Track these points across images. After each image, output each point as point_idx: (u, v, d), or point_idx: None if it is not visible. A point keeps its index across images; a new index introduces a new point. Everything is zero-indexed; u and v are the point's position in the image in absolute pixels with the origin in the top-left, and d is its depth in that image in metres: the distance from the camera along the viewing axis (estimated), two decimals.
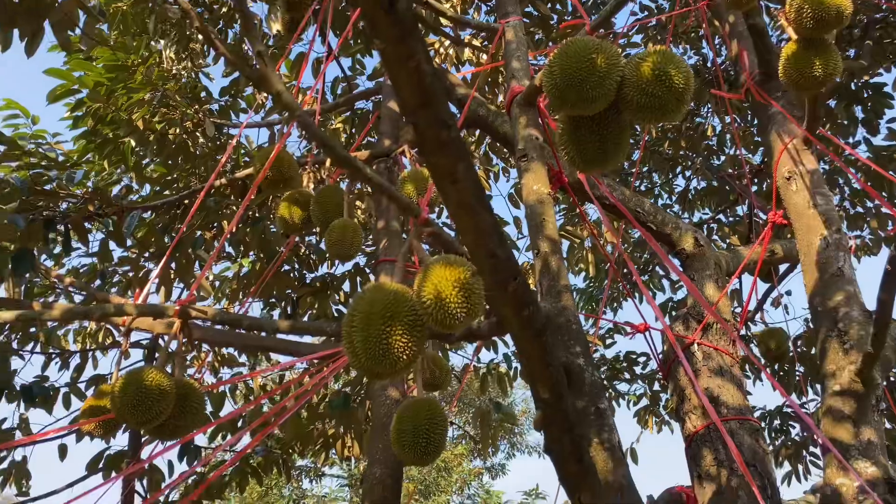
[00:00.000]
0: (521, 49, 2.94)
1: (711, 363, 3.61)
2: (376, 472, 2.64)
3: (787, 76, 2.76)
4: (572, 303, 2.42)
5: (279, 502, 16.89)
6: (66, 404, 5.61)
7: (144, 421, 2.34)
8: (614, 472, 2.22)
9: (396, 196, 1.95)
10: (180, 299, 2.67)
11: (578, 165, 2.25)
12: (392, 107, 4.19)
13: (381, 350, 1.77)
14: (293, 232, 3.70)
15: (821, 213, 3.35)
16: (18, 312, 2.59)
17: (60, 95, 5.07)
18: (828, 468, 2.97)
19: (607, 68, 2.06)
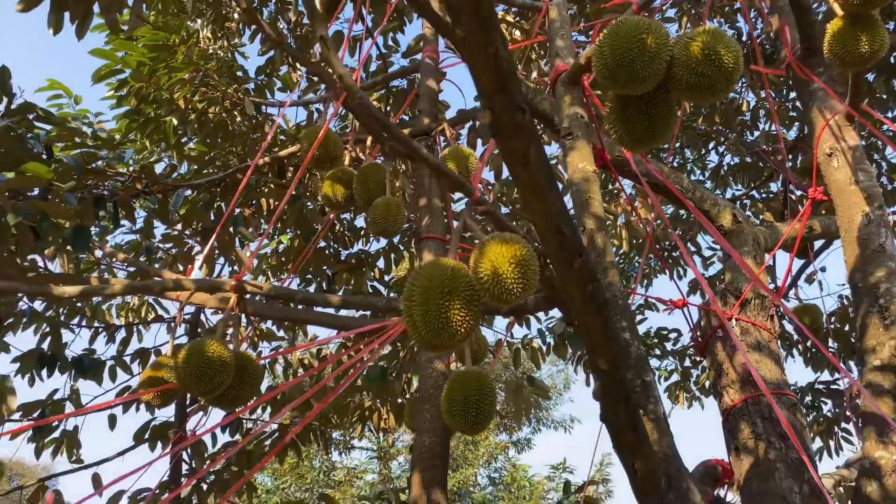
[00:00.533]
0: (564, 27, 2.97)
1: (749, 338, 3.64)
2: (425, 441, 2.74)
3: (832, 53, 2.76)
4: (618, 279, 2.48)
5: (310, 473, 17.24)
6: (112, 377, 5.80)
7: (207, 391, 2.44)
8: (660, 442, 2.29)
9: (451, 175, 2.01)
10: (236, 274, 2.77)
11: (627, 144, 2.29)
12: (431, 85, 4.24)
13: (441, 323, 1.85)
14: (336, 209, 3.79)
15: (862, 190, 3.35)
16: (82, 287, 2.70)
17: (105, 75, 5.19)
18: (866, 441, 3.01)
19: (657, 48, 2.10)
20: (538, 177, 1.26)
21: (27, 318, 5.14)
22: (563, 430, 22.39)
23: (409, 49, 5.89)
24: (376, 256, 6.37)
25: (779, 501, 3.18)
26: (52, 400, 5.16)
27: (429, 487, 2.61)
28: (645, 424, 2.31)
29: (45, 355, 4.82)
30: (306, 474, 17.20)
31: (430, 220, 3.45)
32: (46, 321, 5.01)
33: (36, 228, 3.75)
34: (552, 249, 1.42)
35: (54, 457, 5.52)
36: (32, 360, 4.77)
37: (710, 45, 2.08)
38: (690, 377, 7.95)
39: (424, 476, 2.65)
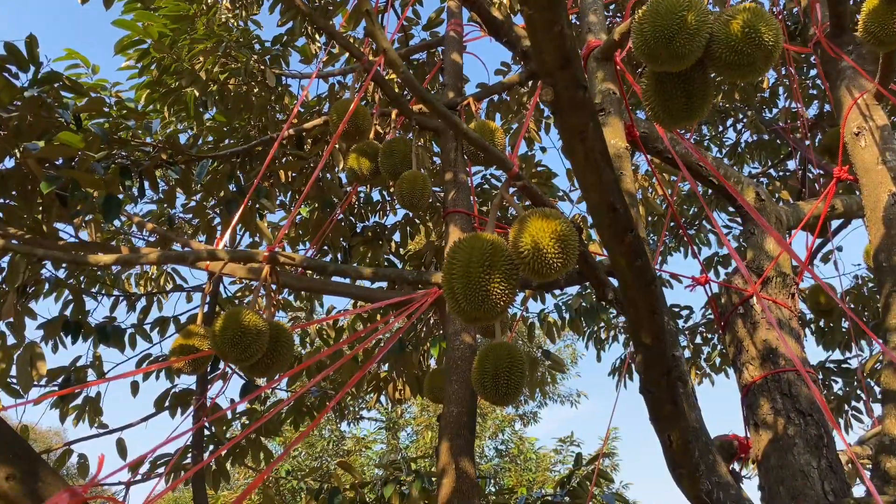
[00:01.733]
0: (597, 3, 2.97)
1: (770, 316, 3.67)
2: (453, 411, 2.79)
3: (867, 31, 2.75)
4: (648, 255, 2.50)
5: (320, 443, 17.45)
6: (132, 344, 5.88)
7: (243, 358, 2.50)
8: (689, 415, 2.34)
9: (491, 150, 2.03)
10: (269, 246, 2.81)
11: (663, 121, 2.30)
12: (455, 59, 4.24)
13: (482, 296, 1.89)
14: (362, 183, 3.82)
15: (890, 170, 3.36)
16: (118, 255, 2.75)
17: (127, 46, 5.19)
18: (887, 419, 3.06)
19: (697, 25, 2.10)
20: (594, 153, 1.29)
21: (49, 286, 5.21)
22: (570, 405, 22.60)
23: (430, 21, 5.86)
24: (392, 229, 6.41)
25: (797, 476, 3.23)
26: (75, 366, 5.24)
27: (457, 456, 2.67)
28: None
29: (68, 322, 4.89)
30: (316, 443, 17.42)
31: (456, 195, 3.47)
32: (69, 288, 5.07)
33: (63, 197, 3.79)
34: (604, 224, 1.45)
35: (77, 423, 5.63)
36: (56, 327, 4.84)
37: (750, 23, 2.08)
38: (701, 354, 8.00)
39: (453, 445, 2.70)
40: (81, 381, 5.24)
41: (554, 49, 1.16)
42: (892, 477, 2.94)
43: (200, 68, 5.18)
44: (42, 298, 5.73)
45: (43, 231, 4.20)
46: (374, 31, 1.82)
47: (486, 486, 16.74)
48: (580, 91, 1.20)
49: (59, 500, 1.51)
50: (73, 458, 5.26)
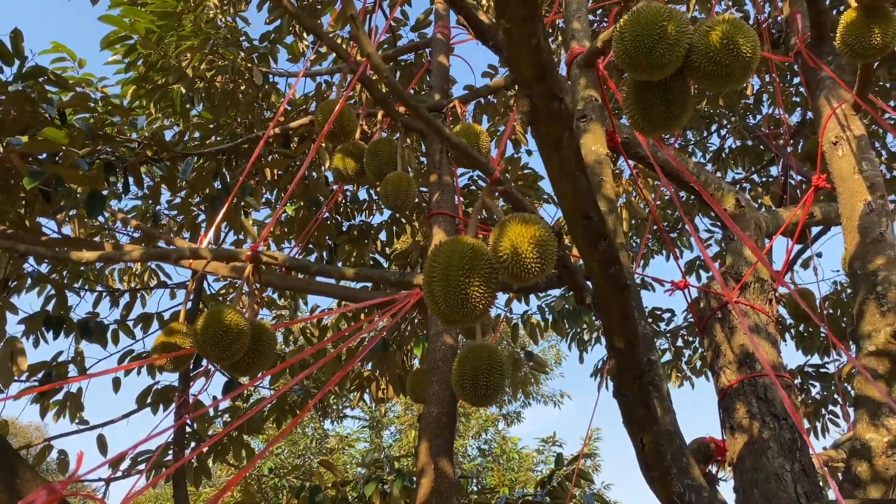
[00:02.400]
0: (581, 10, 3.00)
1: (748, 321, 3.73)
2: (433, 412, 2.82)
3: (845, 43, 2.81)
4: (627, 261, 2.54)
5: (303, 440, 17.44)
6: (115, 340, 5.86)
7: (224, 357, 2.51)
8: (663, 418, 2.38)
9: (472, 155, 2.06)
10: (252, 244, 2.82)
11: (643, 128, 2.34)
12: (442, 61, 4.26)
13: (461, 299, 1.92)
14: (347, 183, 3.84)
15: (865, 179, 3.42)
16: (101, 253, 2.75)
17: (113, 42, 5.18)
18: (859, 424, 3.11)
19: (677, 36, 2.14)
20: (570, 162, 1.32)
21: (32, 281, 5.19)
22: (553, 405, 22.69)
23: (419, 22, 5.88)
24: (378, 229, 6.43)
25: (771, 479, 3.29)
26: (57, 362, 5.22)
27: (436, 456, 2.69)
28: None
29: (50, 317, 4.87)
30: (299, 441, 17.41)
31: (440, 196, 3.50)
32: (51, 283, 5.05)
33: (47, 193, 3.79)
34: (579, 231, 1.49)
35: (58, 418, 5.60)
36: (38, 321, 4.82)
37: (729, 35, 2.12)
38: (682, 357, 8.08)
39: (432, 445, 2.73)
40: (63, 376, 5.22)
41: (531, 61, 1.19)
42: (863, 481, 3.00)
43: (187, 65, 5.18)
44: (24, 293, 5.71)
45: (26, 226, 4.19)
46: (358, 36, 1.84)
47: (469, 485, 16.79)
48: (556, 102, 1.23)
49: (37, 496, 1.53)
50: (52, 454, 5.24)
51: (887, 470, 2.95)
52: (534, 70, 1.20)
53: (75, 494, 1.89)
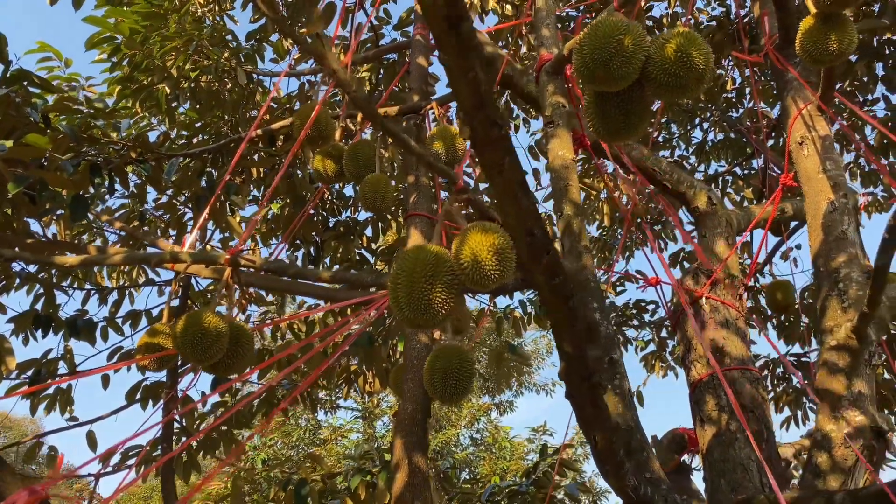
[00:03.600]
0: (550, 17, 3.08)
1: (718, 316, 3.84)
2: (408, 409, 2.92)
3: (803, 49, 2.90)
4: (591, 262, 2.64)
5: (296, 431, 17.55)
6: (104, 337, 5.94)
7: (202, 359, 2.60)
8: (623, 414, 2.49)
9: (437, 166, 2.15)
10: (231, 248, 2.90)
11: (603, 137, 2.44)
12: (421, 62, 4.34)
13: (424, 305, 2.01)
14: (327, 184, 3.91)
15: (829, 178, 3.52)
16: (83, 257, 2.84)
17: (98, 42, 5.23)
18: (820, 415, 3.23)
19: (633, 49, 2.23)
20: (511, 184, 1.41)
21: (20, 280, 5.26)
22: (545, 394, 22.89)
23: (401, 21, 5.94)
24: (364, 225, 6.51)
25: (738, 469, 3.41)
26: (46, 359, 5.30)
27: (410, 452, 2.79)
28: (611, 398, 2.50)
29: (39, 316, 4.95)
30: (292, 432, 17.52)
31: (417, 198, 3.59)
32: (40, 282, 5.12)
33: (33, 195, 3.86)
34: (523, 247, 1.58)
35: (48, 413, 5.69)
36: (27, 320, 4.90)
37: (683, 47, 2.21)
38: (666, 347, 8.20)
39: (406, 441, 2.83)
40: (52, 373, 5.31)
41: (469, 93, 1.28)
42: (823, 471, 3.11)
43: (172, 65, 5.23)
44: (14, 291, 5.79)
45: (13, 227, 4.26)
46: (322, 54, 1.93)
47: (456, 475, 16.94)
48: (495, 129, 1.32)
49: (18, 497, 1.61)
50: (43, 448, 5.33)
51: (846, 460, 3.06)
52: (472, 100, 1.29)
53: (59, 496, 1.97)
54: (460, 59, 1.24)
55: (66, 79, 5.76)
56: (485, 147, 1.34)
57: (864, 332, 3.11)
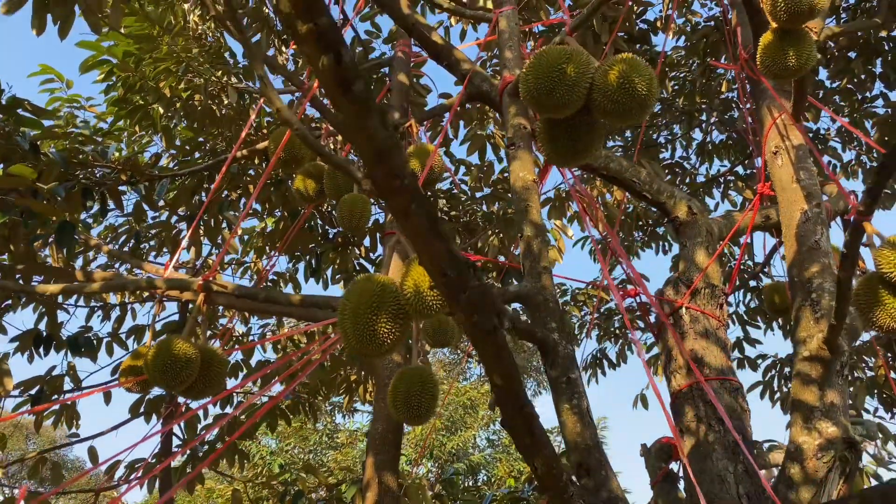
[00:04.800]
0: (513, 39, 3.12)
1: (698, 326, 3.84)
2: (379, 428, 2.98)
3: (762, 64, 2.91)
4: (551, 283, 2.68)
5: (313, 436, 17.72)
6: (108, 352, 6.08)
7: (173, 385, 2.68)
8: (582, 433, 2.53)
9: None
10: (204, 274, 2.98)
11: (554, 161, 2.49)
12: (402, 80, 4.39)
13: (369, 335, 2.07)
14: (309, 203, 3.99)
15: (803, 188, 3.52)
16: (63, 286, 2.93)
17: (92, 66, 5.34)
18: (793, 427, 3.23)
19: (576, 77, 2.27)
20: (422, 227, 1.46)
21: (24, 300, 5.39)
22: None
23: (391, 34, 6.00)
24: (362, 236, 6.58)
25: (715, 480, 3.42)
26: (50, 376, 5.44)
27: (380, 471, 2.85)
28: (569, 417, 2.54)
29: (40, 335, 5.08)
30: (309, 437, 17.68)
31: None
32: (41, 303, 5.26)
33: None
34: (439, 286, 1.63)
35: (55, 428, 5.84)
36: (28, 340, 5.03)
37: (625, 74, 2.24)
38: None
39: (377, 460, 2.89)
40: (57, 389, 5.45)
41: (367, 148, 1.33)
42: (796, 482, 3.12)
43: (165, 86, 5.34)
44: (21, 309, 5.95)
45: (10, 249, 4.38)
46: (267, 94, 1.99)
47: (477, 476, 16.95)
48: (396, 180, 1.37)
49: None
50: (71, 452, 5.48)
51: (817, 472, 3.07)
52: (371, 155, 1.34)
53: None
54: (356, 118, 1.29)
55: (68, 100, 5.90)
56: (388, 196, 1.40)
57: (835, 343, 3.11)
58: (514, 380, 1.76)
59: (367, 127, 1.31)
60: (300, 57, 6.49)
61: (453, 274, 1.53)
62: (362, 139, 1.34)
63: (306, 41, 1.24)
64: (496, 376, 1.73)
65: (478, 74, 4.00)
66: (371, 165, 1.36)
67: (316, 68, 1.28)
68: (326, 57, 1.25)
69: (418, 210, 1.45)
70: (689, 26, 7.43)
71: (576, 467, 2.50)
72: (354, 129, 1.32)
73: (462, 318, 1.60)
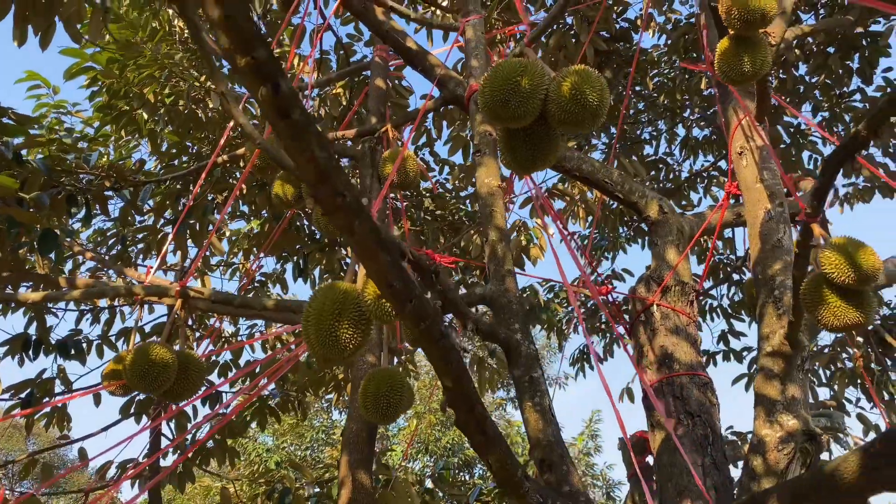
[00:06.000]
0: (479, 48, 3.21)
1: (668, 323, 3.94)
2: (353, 428, 3.07)
3: (720, 70, 3.00)
4: (514, 285, 2.77)
5: (310, 433, 17.82)
6: (99, 354, 6.17)
7: (151, 389, 2.77)
8: (543, 430, 2.62)
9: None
10: (181, 280, 3.07)
11: (514, 169, 2.57)
12: (379, 84, 4.47)
13: (331, 341, 2.16)
14: (288, 208, 4.08)
15: (766, 188, 3.61)
16: (44, 294, 3.02)
17: (76, 73, 5.42)
18: (756, 420, 3.33)
19: (531, 89, 2.35)
20: (367, 241, 1.55)
21: (14, 304, 5.48)
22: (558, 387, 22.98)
23: (373, 38, 6.07)
24: None
25: (684, 473, 3.52)
26: (41, 379, 5.52)
27: (354, 469, 2.95)
28: (531, 415, 2.64)
29: (29, 340, 5.17)
30: (306, 433, 17.79)
31: None
32: (31, 307, 5.34)
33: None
34: (387, 297, 1.72)
35: (47, 429, 5.93)
36: (18, 344, 5.12)
37: (577, 86, 2.33)
38: None
39: (351, 459, 2.99)
40: (47, 392, 5.53)
41: (310, 169, 1.42)
42: (758, 474, 3.22)
43: (149, 92, 5.42)
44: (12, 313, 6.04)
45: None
46: (230, 111, 2.07)
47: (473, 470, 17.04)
48: (340, 198, 1.46)
49: None
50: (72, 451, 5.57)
51: (778, 464, 3.17)
52: (314, 176, 1.43)
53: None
54: (296, 141, 1.38)
55: (55, 105, 5.98)
56: (332, 214, 1.48)
57: (795, 338, 3.21)
58: (463, 381, 1.86)
59: (308, 148, 1.40)
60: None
61: (399, 285, 1.62)
62: (303, 162, 1.42)
63: (245, 73, 1.32)
64: (447, 379, 1.82)
65: (452, 79, 4.09)
66: (314, 185, 1.45)
67: (256, 97, 1.37)
68: (265, 87, 1.34)
69: (361, 225, 1.54)
70: (670, 25, 7.51)
71: (538, 463, 2.59)
72: (296, 151, 1.41)
73: (410, 325, 1.69)
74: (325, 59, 6.35)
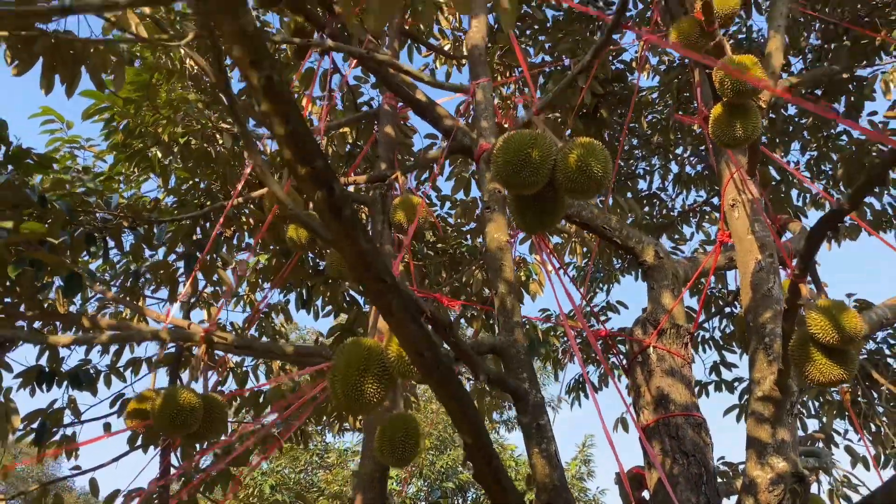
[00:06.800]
0: (488, 109, 3.42)
1: (664, 364, 4.14)
2: (367, 467, 3.24)
3: (714, 134, 3.22)
4: (522, 336, 2.96)
5: (304, 456, 17.85)
6: (107, 384, 6.30)
7: (179, 433, 2.94)
8: (550, 475, 2.80)
9: None
10: (206, 327, 3.24)
11: (523, 230, 2.77)
12: (388, 132, 4.68)
13: (357, 395, 2.34)
14: (301, 251, 4.26)
15: (757, 239, 3.83)
16: (74, 337, 3.18)
17: (93, 113, 5.61)
18: (748, 462, 3.52)
19: (541, 159, 2.56)
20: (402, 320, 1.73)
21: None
22: (551, 409, 23.09)
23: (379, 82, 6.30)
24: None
25: None
26: (52, 409, 5.65)
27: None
28: (538, 460, 2.81)
29: (43, 372, 5.30)
30: (300, 456, 17.82)
31: None
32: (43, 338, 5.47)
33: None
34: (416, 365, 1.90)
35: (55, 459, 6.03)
36: (31, 376, 5.25)
37: (582, 158, 2.53)
38: None
39: (365, 497, 3.15)
40: (58, 422, 5.66)
41: (357, 261, 1.60)
42: None
43: (164, 132, 5.61)
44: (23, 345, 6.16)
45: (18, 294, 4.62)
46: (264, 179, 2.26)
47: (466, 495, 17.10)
48: (381, 283, 1.65)
49: None
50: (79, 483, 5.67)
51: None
52: (361, 267, 1.62)
53: None
54: (346, 238, 1.58)
55: (68, 140, 6.16)
56: (374, 296, 1.67)
57: (784, 384, 3.40)
58: (481, 436, 2.04)
59: (355, 242, 1.59)
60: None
61: (428, 354, 1.81)
62: (351, 252, 1.62)
63: (305, 181, 1.52)
64: (465, 434, 2.00)
65: (460, 130, 4.30)
66: (361, 273, 1.64)
67: (311, 199, 1.57)
68: (321, 191, 1.53)
69: (399, 305, 1.73)
70: (664, 66, 7.78)
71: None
72: (345, 245, 1.60)
73: (435, 387, 1.87)
74: (331, 94, 6.57)
